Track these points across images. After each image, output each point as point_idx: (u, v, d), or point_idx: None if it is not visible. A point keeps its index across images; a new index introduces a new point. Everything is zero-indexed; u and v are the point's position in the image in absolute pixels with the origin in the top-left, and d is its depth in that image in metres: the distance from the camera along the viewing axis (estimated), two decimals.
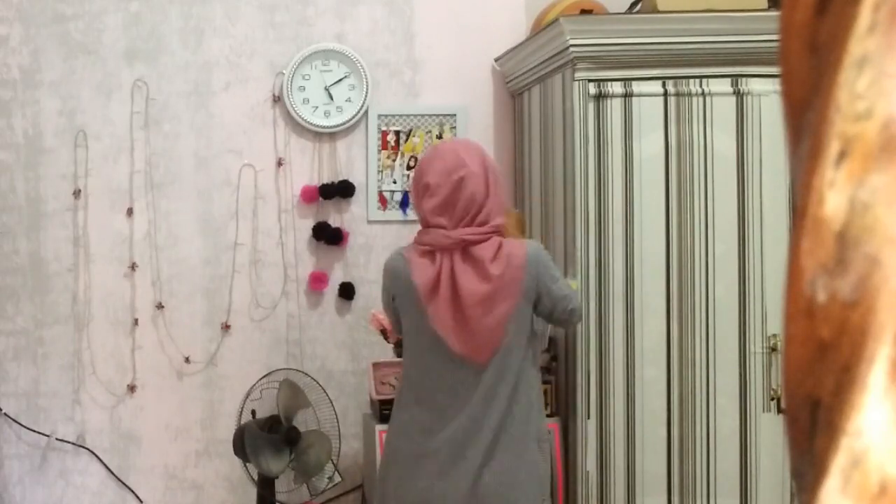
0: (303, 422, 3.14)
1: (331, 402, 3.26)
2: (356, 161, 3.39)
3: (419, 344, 2.42)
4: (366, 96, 3.34)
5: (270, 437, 3.02)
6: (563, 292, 2.42)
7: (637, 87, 2.77)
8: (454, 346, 2.33)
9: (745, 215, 2.77)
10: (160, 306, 3.37)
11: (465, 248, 2.33)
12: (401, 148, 3.38)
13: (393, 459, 2.47)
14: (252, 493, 3.29)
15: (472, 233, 2.33)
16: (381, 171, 3.38)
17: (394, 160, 3.38)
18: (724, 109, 2.77)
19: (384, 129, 3.37)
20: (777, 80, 0.55)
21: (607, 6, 3.11)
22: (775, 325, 2.76)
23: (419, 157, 2.64)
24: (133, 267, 3.36)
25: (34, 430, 3.37)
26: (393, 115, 3.38)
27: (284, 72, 3.33)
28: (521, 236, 2.57)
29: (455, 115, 3.38)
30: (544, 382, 2.97)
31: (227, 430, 3.27)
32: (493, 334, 2.34)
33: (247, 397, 3.19)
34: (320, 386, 3.26)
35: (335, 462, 3.17)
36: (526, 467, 2.39)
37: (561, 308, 2.42)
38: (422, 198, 2.39)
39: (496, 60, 3.39)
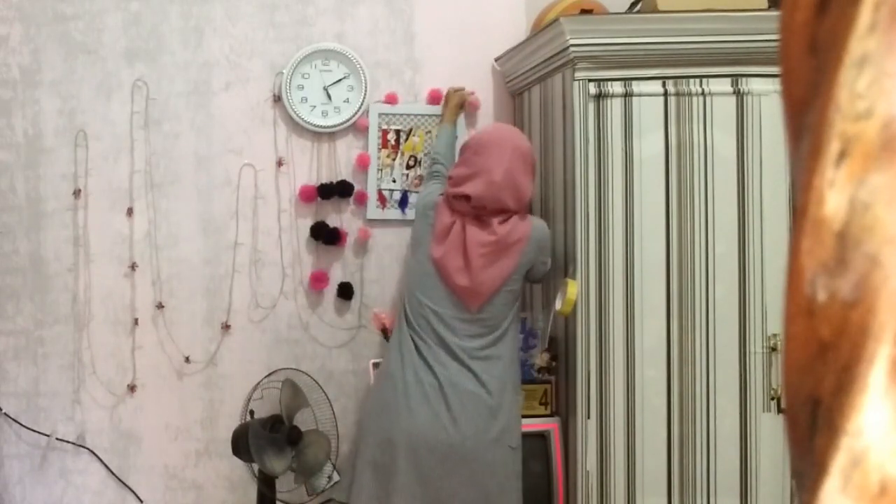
0: (301, 422, 3.14)
1: (329, 403, 3.27)
2: (356, 161, 3.39)
3: (421, 281, 2.76)
4: (364, 98, 3.33)
5: (273, 437, 3.02)
6: (546, 268, 2.87)
7: (637, 86, 2.77)
8: (459, 280, 2.69)
9: (745, 215, 2.77)
10: (160, 306, 3.37)
11: (477, 216, 2.73)
12: (401, 147, 3.38)
13: (399, 393, 2.69)
14: (252, 492, 3.29)
15: (488, 212, 2.75)
16: (381, 171, 3.38)
17: (393, 159, 3.38)
18: (724, 109, 2.77)
19: (384, 128, 3.37)
20: (777, 80, 0.55)
21: (607, 6, 3.11)
22: (775, 325, 2.76)
23: (472, 138, 2.90)
24: (133, 267, 3.36)
25: (34, 430, 3.37)
26: (393, 115, 3.38)
27: (284, 71, 3.33)
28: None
29: None
30: (544, 382, 2.99)
31: (227, 430, 3.27)
32: (490, 285, 2.71)
33: (250, 397, 3.19)
34: (319, 386, 3.26)
35: (334, 462, 3.18)
36: (507, 411, 2.73)
37: (539, 279, 2.91)
38: (450, 180, 2.77)
39: (496, 60, 3.39)
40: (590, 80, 2.77)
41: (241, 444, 3.04)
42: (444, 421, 2.63)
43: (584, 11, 2.94)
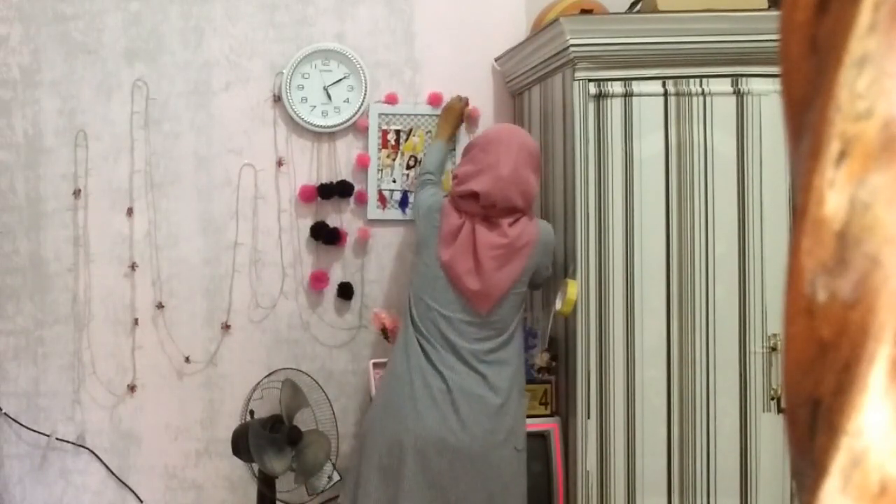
0: (301, 422, 3.14)
1: (329, 403, 3.26)
2: (355, 161, 3.39)
3: (428, 285, 2.74)
4: (364, 98, 3.34)
5: (273, 437, 3.02)
6: (548, 273, 2.86)
7: (637, 86, 2.77)
8: (470, 284, 2.67)
9: (745, 215, 2.77)
10: (160, 306, 3.37)
11: (486, 216, 2.71)
12: (401, 147, 3.38)
13: (406, 394, 2.68)
14: (252, 492, 3.29)
15: (497, 211, 2.72)
16: (381, 171, 3.38)
17: (393, 159, 3.38)
18: (724, 109, 2.77)
19: (384, 128, 3.37)
20: (777, 80, 0.55)
21: (607, 6, 3.11)
22: (775, 325, 2.76)
23: (475, 139, 2.87)
24: (133, 267, 3.36)
25: (34, 430, 3.37)
26: (393, 115, 3.38)
27: (284, 71, 3.33)
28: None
29: None
30: (544, 382, 2.98)
31: (227, 430, 3.27)
32: (501, 287, 2.69)
33: (250, 397, 3.19)
34: (319, 386, 3.26)
35: (334, 462, 3.17)
36: (514, 413, 2.71)
37: (540, 283, 2.89)
38: (456, 179, 2.76)
39: (496, 60, 3.39)
40: (590, 80, 2.77)
41: (241, 444, 3.04)
42: (453, 424, 2.62)
43: (584, 11, 2.94)
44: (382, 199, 3.39)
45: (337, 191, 3.35)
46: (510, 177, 2.67)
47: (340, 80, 3.35)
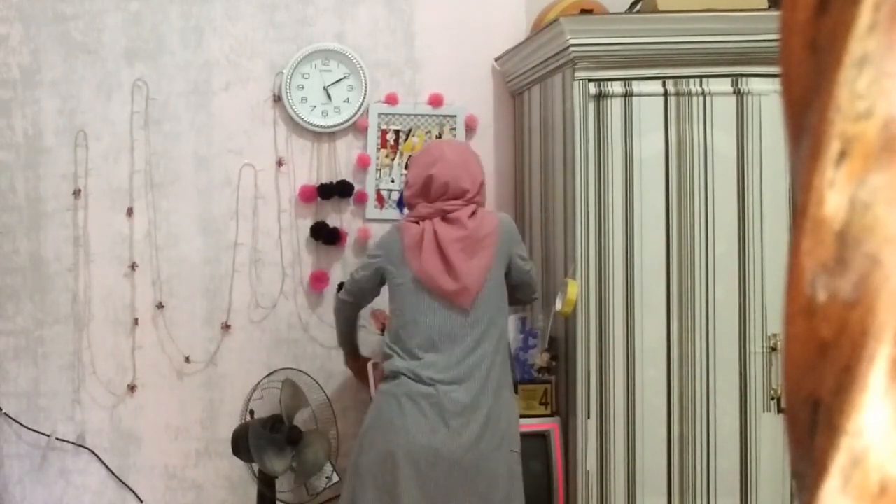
0: (301, 422, 3.14)
1: (329, 403, 3.27)
2: (356, 160, 3.39)
3: (406, 299, 2.71)
4: (364, 98, 3.34)
5: (273, 437, 3.02)
6: (528, 265, 2.80)
7: (637, 86, 2.77)
8: (445, 284, 2.65)
9: (745, 215, 2.77)
10: (160, 306, 3.37)
11: (444, 216, 2.70)
12: (400, 147, 3.38)
13: (395, 406, 2.65)
14: (252, 492, 3.29)
15: (450, 204, 2.70)
16: (380, 171, 3.38)
17: (392, 159, 3.38)
18: (724, 109, 2.77)
19: (384, 127, 3.37)
20: (777, 80, 0.55)
21: (607, 6, 3.11)
22: (775, 325, 2.76)
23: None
24: (133, 267, 3.36)
25: (34, 430, 3.37)
26: (393, 115, 3.38)
27: (284, 71, 3.33)
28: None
29: (455, 115, 3.38)
30: (544, 382, 2.98)
31: (228, 430, 3.27)
32: (476, 277, 2.66)
33: (250, 397, 3.19)
34: (319, 386, 3.26)
35: (334, 462, 3.17)
36: (507, 415, 2.67)
37: (527, 279, 2.79)
38: (406, 186, 2.82)
39: (496, 60, 3.39)
40: (590, 80, 2.77)
41: (241, 444, 3.04)
42: (443, 435, 2.58)
43: (584, 11, 2.94)
44: (380, 199, 3.39)
45: (337, 191, 3.35)
46: (457, 162, 2.71)
47: (340, 80, 3.35)
